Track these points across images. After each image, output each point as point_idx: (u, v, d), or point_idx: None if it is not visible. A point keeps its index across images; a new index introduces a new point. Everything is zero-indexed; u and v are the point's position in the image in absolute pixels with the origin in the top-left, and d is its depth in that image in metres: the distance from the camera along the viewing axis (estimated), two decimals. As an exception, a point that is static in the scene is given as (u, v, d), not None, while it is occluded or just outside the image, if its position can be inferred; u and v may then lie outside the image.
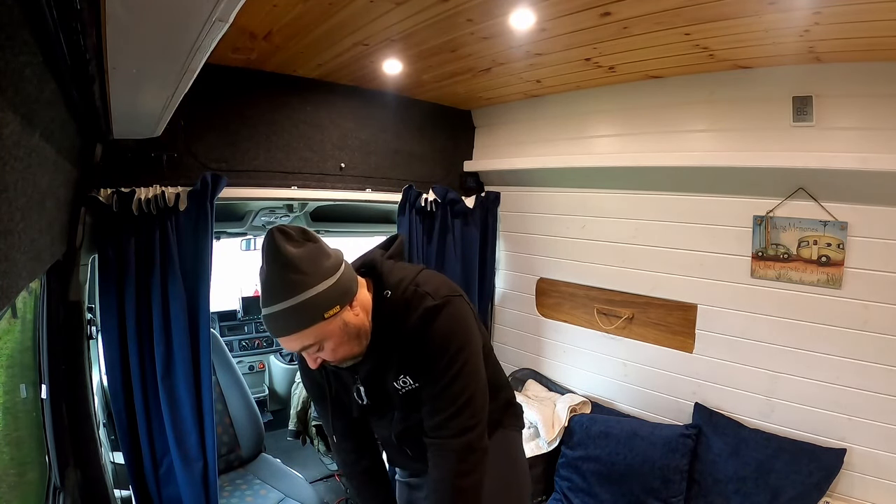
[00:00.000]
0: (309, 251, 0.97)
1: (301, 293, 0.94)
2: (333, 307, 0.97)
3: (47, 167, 1.05)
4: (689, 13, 1.40)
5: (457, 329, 1.07)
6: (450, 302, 1.07)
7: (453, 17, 1.51)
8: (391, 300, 1.08)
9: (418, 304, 1.06)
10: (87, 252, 1.78)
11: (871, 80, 1.61)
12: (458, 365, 1.06)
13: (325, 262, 0.98)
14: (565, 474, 2.26)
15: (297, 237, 0.97)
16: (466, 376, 1.07)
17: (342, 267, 1.01)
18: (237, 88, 2.05)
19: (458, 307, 1.09)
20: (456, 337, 1.07)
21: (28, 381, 1.63)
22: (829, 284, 1.79)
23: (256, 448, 2.68)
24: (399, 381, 1.12)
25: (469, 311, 1.13)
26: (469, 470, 1.07)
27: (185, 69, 0.96)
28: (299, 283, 0.94)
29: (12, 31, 0.61)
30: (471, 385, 1.08)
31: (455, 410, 1.06)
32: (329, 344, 1.01)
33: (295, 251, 0.95)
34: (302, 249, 0.96)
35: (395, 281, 1.10)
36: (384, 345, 1.10)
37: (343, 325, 1.01)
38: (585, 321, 2.52)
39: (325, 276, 0.97)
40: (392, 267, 1.13)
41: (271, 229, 0.98)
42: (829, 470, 1.77)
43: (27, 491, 1.55)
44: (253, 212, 2.69)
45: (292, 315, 0.95)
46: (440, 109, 2.66)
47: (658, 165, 2.08)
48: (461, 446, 1.07)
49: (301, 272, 0.94)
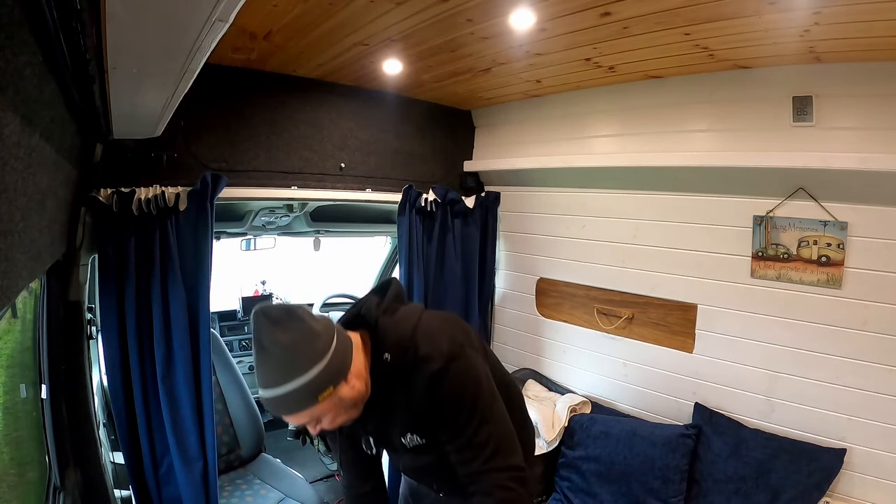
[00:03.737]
0: (297, 336, 0.95)
1: (293, 380, 0.94)
2: (326, 389, 0.97)
3: (47, 167, 1.05)
4: (689, 13, 1.40)
5: (466, 384, 1.07)
6: (453, 359, 1.06)
7: (453, 17, 1.51)
8: (391, 364, 1.07)
9: (421, 369, 1.05)
10: (87, 252, 1.78)
11: (871, 80, 1.61)
12: (476, 417, 1.06)
13: (316, 345, 0.97)
14: (565, 474, 2.26)
15: (282, 319, 0.96)
16: (488, 423, 1.07)
17: (333, 344, 0.99)
18: (237, 88, 2.05)
19: (463, 361, 1.08)
20: (467, 392, 1.07)
21: (28, 381, 1.63)
22: (829, 284, 1.79)
23: (256, 448, 2.68)
24: (406, 438, 1.14)
25: (474, 359, 1.11)
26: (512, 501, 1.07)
27: (185, 69, 0.96)
28: (290, 370, 0.94)
29: (12, 31, 0.61)
30: (494, 430, 1.08)
31: (487, 456, 1.06)
32: (326, 418, 1.03)
33: (283, 339, 0.94)
34: (289, 335, 0.95)
35: (392, 342, 1.08)
36: (386, 405, 1.11)
37: (338, 401, 1.00)
38: (585, 321, 2.52)
39: (315, 359, 0.95)
40: (388, 324, 1.11)
41: (256, 313, 0.97)
42: (829, 470, 1.76)
43: (27, 491, 1.55)
44: (253, 212, 2.69)
45: (285, 400, 0.95)
46: (440, 109, 2.66)
47: (658, 165, 2.08)
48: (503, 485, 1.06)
49: (291, 360, 0.94)
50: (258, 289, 3.92)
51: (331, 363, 0.97)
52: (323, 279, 5.29)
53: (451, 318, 1.23)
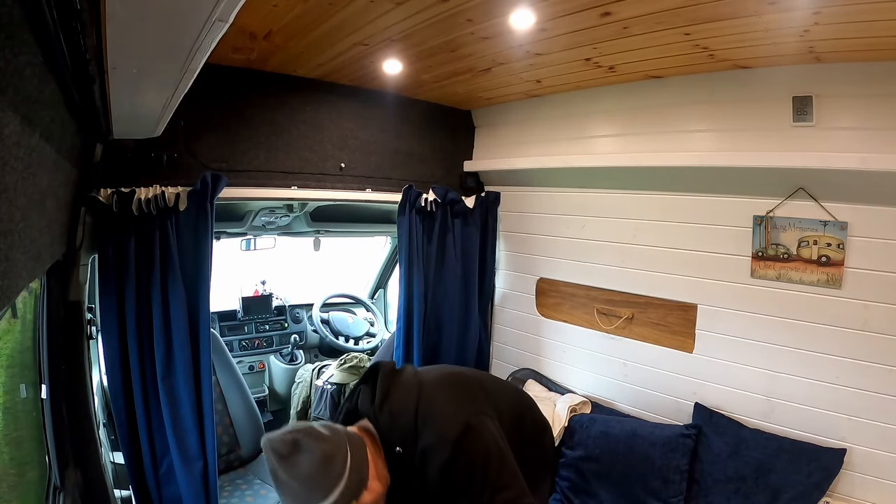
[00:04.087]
0: (310, 467, 0.96)
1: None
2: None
3: (47, 167, 1.05)
4: (689, 13, 1.40)
5: (476, 463, 1.09)
6: (459, 442, 1.08)
7: (453, 17, 1.51)
8: (405, 456, 1.10)
9: (430, 460, 1.08)
10: (87, 252, 1.78)
11: (871, 80, 1.61)
12: (489, 489, 1.09)
13: (332, 469, 0.98)
14: (565, 474, 2.25)
15: (291, 454, 0.96)
16: (501, 490, 1.09)
17: (348, 462, 1.00)
18: (237, 88, 2.05)
19: (469, 440, 1.10)
20: (477, 470, 1.09)
21: (28, 381, 1.63)
22: (829, 284, 1.79)
23: (256, 448, 2.67)
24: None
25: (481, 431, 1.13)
26: None
27: (185, 69, 0.96)
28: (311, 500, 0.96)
29: (12, 31, 0.61)
30: (507, 494, 1.10)
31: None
32: None
33: (297, 473, 0.95)
34: (303, 469, 0.95)
35: (399, 435, 1.11)
36: (405, 489, 1.13)
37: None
38: (585, 321, 2.52)
39: (334, 483, 0.97)
40: (387, 420, 1.13)
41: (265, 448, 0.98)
42: (829, 470, 1.76)
43: (27, 491, 1.55)
44: (253, 212, 2.69)
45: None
46: (440, 109, 2.66)
47: (658, 165, 2.08)
48: None
49: (310, 490, 0.96)
50: (258, 289, 3.92)
51: (349, 481, 0.99)
52: (323, 279, 5.29)
53: (450, 382, 1.23)
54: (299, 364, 3.62)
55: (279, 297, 3.91)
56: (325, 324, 3.70)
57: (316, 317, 3.68)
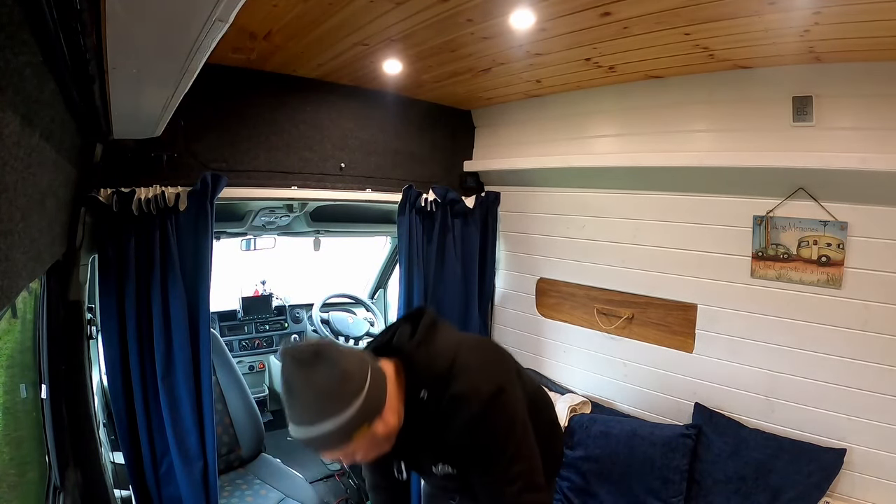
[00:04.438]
0: (329, 378, 0.93)
1: (326, 421, 0.93)
2: (360, 427, 0.96)
3: (47, 167, 1.05)
4: (689, 13, 1.40)
5: (502, 428, 1.08)
6: (491, 402, 1.06)
7: (453, 17, 1.51)
8: (428, 403, 1.07)
9: (459, 411, 1.05)
10: (87, 252, 1.78)
11: (871, 80, 1.61)
12: (507, 457, 1.08)
13: (349, 385, 0.95)
14: (565, 474, 2.25)
15: (312, 361, 0.94)
16: (519, 462, 1.09)
17: (367, 383, 0.97)
18: (237, 88, 2.05)
19: (500, 404, 1.08)
20: (501, 435, 1.08)
21: (28, 381, 1.63)
22: (829, 284, 1.79)
23: (256, 448, 2.68)
24: (437, 467, 1.16)
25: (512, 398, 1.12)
26: None
27: (185, 69, 0.96)
28: (323, 412, 0.93)
29: (12, 31, 0.61)
30: (524, 467, 1.10)
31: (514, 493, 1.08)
32: (359, 454, 1.03)
33: (314, 381, 0.93)
34: (320, 378, 0.93)
35: (429, 379, 1.08)
36: (420, 436, 1.12)
37: (372, 437, 1.00)
38: (585, 321, 2.52)
39: (349, 400, 0.94)
40: (423, 358, 1.09)
41: (284, 354, 0.95)
42: (829, 470, 1.76)
43: (27, 491, 1.55)
44: (253, 212, 2.69)
45: (319, 440, 0.95)
46: (440, 109, 2.66)
47: (658, 165, 2.08)
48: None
49: (323, 402, 0.93)
50: (258, 289, 3.92)
51: (365, 403, 0.96)
52: (323, 279, 5.29)
53: (488, 347, 1.23)
54: (299, 364, 3.61)
55: (279, 297, 3.91)
56: (325, 324, 3.70)
57: (316, 317, 3.68)
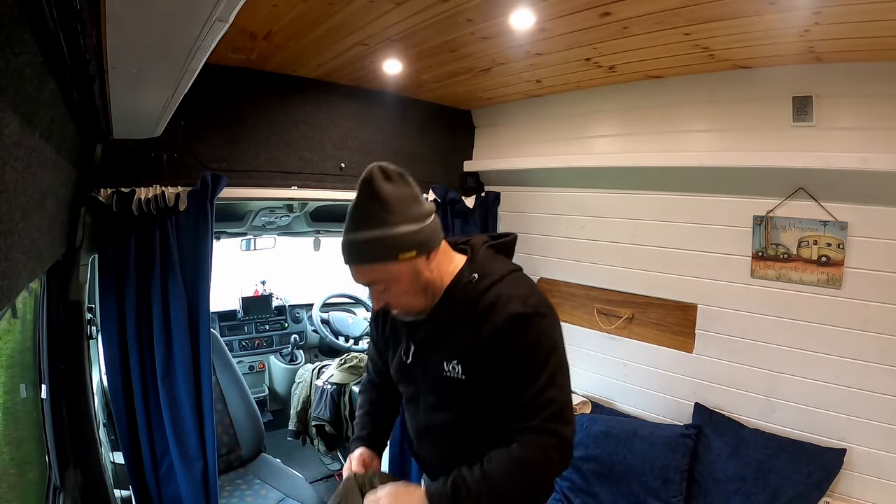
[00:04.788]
0: (401, 193, 0.98)
1: (381, 228, 0.96)
2: (409, 251, 0.98)
3: (47, 167, 1.05)
4: (689, 13, 1.40)
5: (544, 340, 1.02)
6: (539, 313, 1.02)
7: (453, 17, 1.51)
8: (474, 286, 1.05)
9: (504, 306, 1.02)
10: (87, 252, 1.78)
11: (871, 80, 1.61)
12: (545, 376, 1.01)
13: (414, 209, 0.99)
14: (565, 474, 2.25)
15: (394, 177, 0.98)
16: (555, 387, 1.03)
17: (430, 219, 1.02)
18: (237, 88, 2.05)
19: (548, 320, 1.04)
20: (543, 348, 1.02)
21: (28, 381, 1.63)
22: (829, 284, 1.79)
23: (256, 448, 2.68)
24: (448, 365, 1.08)
25: (560, 329, 1.08)
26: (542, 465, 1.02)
27: (185, 69, 0.96)
28: (383, 218, 0.96)
29: (12, 31, 0.61)
30: (559, 395, 1.03)
31: (545, 417, 1.02)
32: (395, 288, 1.02)
33: (387, 188, 0.96)
34: (394, 189, 0.97)
35: (485, 270, 1.07)
36: (447, 324, 1.07)
37: (414, 273, 1.01)
38: (585, 321, 2.52)
39: (409, 220, 0.97)
40: (489, 257, 1.11)
41: (371, 167, 0.98)
42: (829, 470, 1.76)
43: (27, 491, 1.55)
44: (253, 212, 2.69)
45: (368, 247, 0.97)
46: (440, 109, 2.66)
47: (658, 165, 2.08)
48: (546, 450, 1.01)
49: (387, 209, 0.96)
50: (258, 289, 3.92)
51: (422, 232, 0.99)
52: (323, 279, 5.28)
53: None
54: (299, 364, 3.63)
55: (279, 297, 3.91)
56: (325, 324, 3.70)
57: (316, 317, 3.68)
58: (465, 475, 1.02)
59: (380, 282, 1.02)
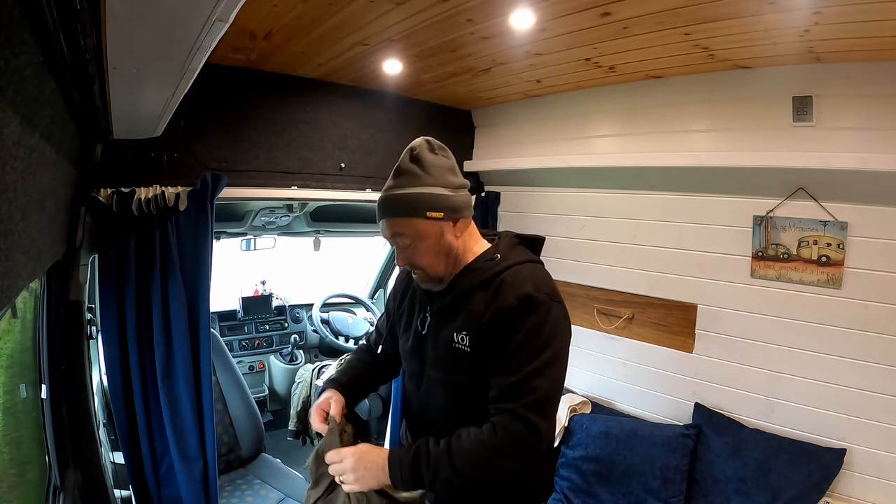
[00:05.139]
0: (440, 162, 1.10)
1: (415, 186, 1.06)
2: (438, 212, 1.06)
3: (47, 167, 1.05)
4: (689, 13, 1.40)
5: (547, 327, 1.04)
6: (552, 303, 1.06)
7: (453, 17, 1.51)
8: (495, 263, 1.11)
9: (517, 286, 1.06)
10: (87, 252, 1.78)
11: (871, 80, 1.61)
12: (539, 361, 1.02)
13: (449, 177, 1.10)
14: (565, 474, 2.25)
15: (436, 148, 1.12)
16: (546, 377, 1.03)
17: (463, 190, 1.12)
18: (237, 88, 2.05)
19: (557, 312, 1.06)
20: (545, 333, 1.04)
21: (28, 381, 1.63)
22: (829, 284, 1.79)
23: (256, 448, 2.68)
24: (458, 336, 1.11)
25: (567, 329, 1.10)
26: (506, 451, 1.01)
27: (185, 69, 0.96)
28: (419, 178, 1.07)
29: (12, 31, 0.61)
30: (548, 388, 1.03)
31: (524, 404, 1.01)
32: (420, 245, 1.08)
33: (428, 156, 1.09)
34: (434, 158, 1.09)
35: (508, 254, 1.13)
36: (466, 293, 1.11)
37: (439, 234, 1.08)
38: (585, 321, 2.52)
39: (443, 185, 1.07)
40: (514, 246, 1.18)
41: (418, 139, 1.12)
42: (829, 470, 1.77)
43: (27, 491, 1.55)
44: (253, 212, 2.69)
45: (401, 201, 1.07)
46: (440, 109, 2.66)
47: (658, 165, 2.08)
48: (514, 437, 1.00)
49: (424, 171, 1.07)
50: (258, 289, 3.92)
51: (453, 199, 1.08)
52: (323, 279, 5.29)
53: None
54: (299, 364, 3.62)
55: (279, 297, 3.91)
56: (325, 324, 3.70)
57: (316, 317, 3.68)
58: (430, 445, 1.03)
59: (406, 236, 1.08)
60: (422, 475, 1.02)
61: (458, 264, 1.14)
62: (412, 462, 1.03)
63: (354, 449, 1.09)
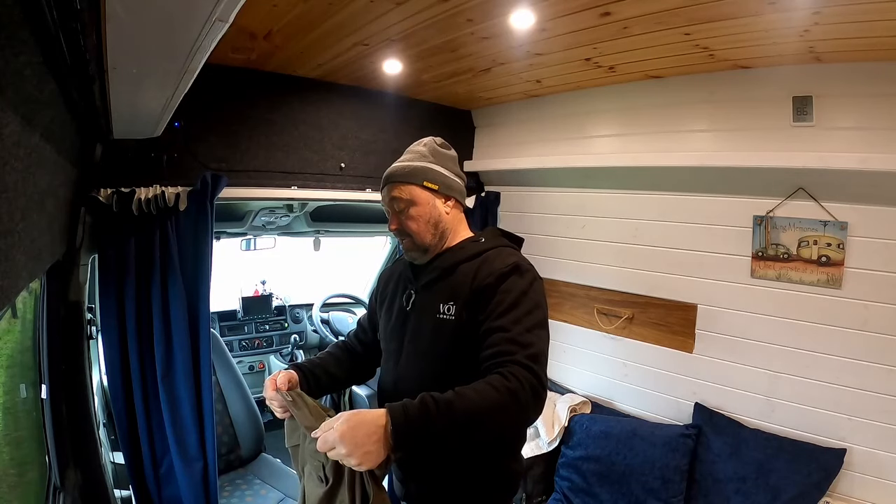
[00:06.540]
0: (444, 151, 1.27)
1: (418, 162, 1.23)
2: (434, 184, 1.21)
3: (47, 167, 1.05)
4: (689, 13, 1.40)
5: (530, 293, 1.09)
6: (533, 275, 1.13)
7: (453, 17, 1.51)
8: (480, 245, 1.21)
9: (504, 259, 1.14)
10: (87, 252, 1.78)
11: (871, 80, 1.61)
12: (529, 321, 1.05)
13: (450, 164, 1.26)
14: (565, 474, 2.26)
15: (444, 144, 1.29)
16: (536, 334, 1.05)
17: (460, 180, 1.27)
18: (237, 88, 2.05)
19: (537, 285, 1.13)
20: (528, 298, 1.09)
21: (28, 381, 1.63)
22: (829, 284, 1.79)
23: (256, 448, 2.67)
24: (444, 307, 1.16)
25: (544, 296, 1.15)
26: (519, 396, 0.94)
27: (185, 69, 0.96)
28: (423, 156, 1.24)
29: (12, 31, 0.61)
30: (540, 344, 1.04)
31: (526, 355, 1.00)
32: (413, 210, 1.19)
33: (435, 145, 1.27)
34: (441, 149, 1.27)
35: (490, 239, 1.24)
36: (451, 266, 1.19)
37: (431, 203, 1.20)
38: (585, 321, 2.52)
39: (442, 166, 1.24)
40: (496, 236, 1.27)
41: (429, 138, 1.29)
42: (829, 470, 1.77)
43: (27, 491, 1.55)
44: (253, 212, 2.69)
45: (403, 172, 1.21)
46: (440, 109, 2.66)
47: (658, 165, 2.08)
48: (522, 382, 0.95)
49: (430, 153, 1.24)
50: (258, 289, 3.92)
51: (450, 179, 1.24)
52: (323, 279, 5.29)
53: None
54: (299, 364, 3.62)
55: (279, 297, 3.91)
56: (325, 324, 3.70)
57: (316, 317, 3.68)
58: (434, 394, 0.93)
59: (402, 200, 1.20)
60: (432, 421, 0.89)
61: (444, 240, 1.23)
62: (419, 408, 0.90)
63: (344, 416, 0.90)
